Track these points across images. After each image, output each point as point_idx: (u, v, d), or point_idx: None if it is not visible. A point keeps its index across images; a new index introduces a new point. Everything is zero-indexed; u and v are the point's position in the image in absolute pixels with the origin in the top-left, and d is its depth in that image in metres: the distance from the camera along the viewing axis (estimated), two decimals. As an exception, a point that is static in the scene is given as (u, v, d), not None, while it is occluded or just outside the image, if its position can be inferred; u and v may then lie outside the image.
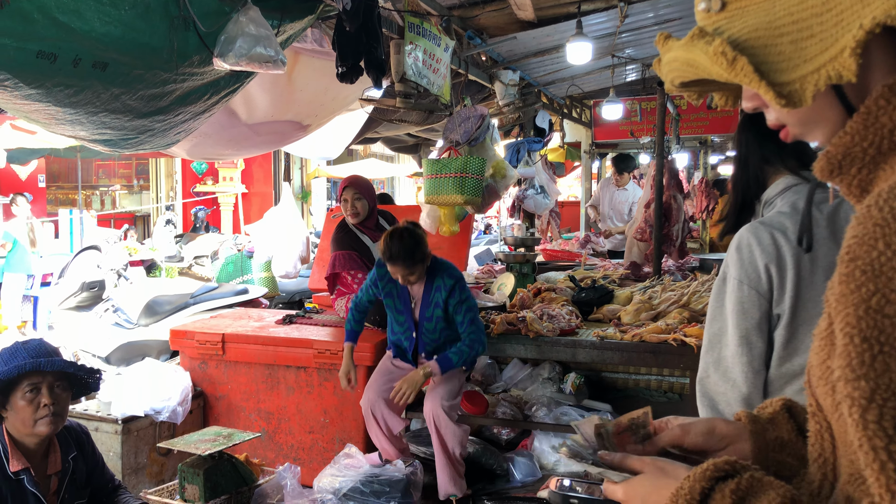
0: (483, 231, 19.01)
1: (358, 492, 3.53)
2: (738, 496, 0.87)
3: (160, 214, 15.31)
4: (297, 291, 8.20)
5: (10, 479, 2.39)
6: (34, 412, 2.42)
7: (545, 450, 4.33)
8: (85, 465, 2.67)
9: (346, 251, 4.58)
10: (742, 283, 1.96)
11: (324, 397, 4.47)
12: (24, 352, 2.44)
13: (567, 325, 4.31)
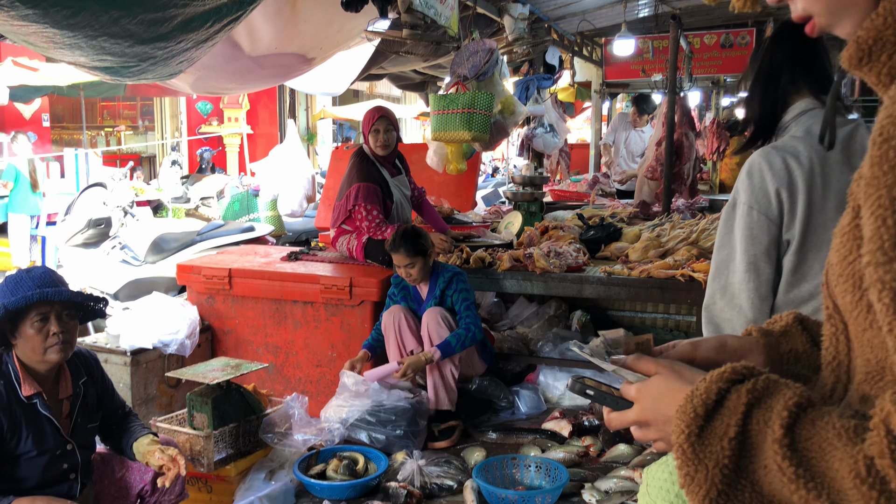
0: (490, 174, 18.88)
1: (364, 421, 3.57)
2: (753, 396, 0.85)
3: (166, 155, 15.24)
4: (303, 231, 8.19)
5: (23, 403, 2.42)
6: (44, 340, 2.43)
7: (550, 384, 4.36)
8: (95, 390, 2.69)
9: (370, 183, 4.55)
10: (752, 208, 1.93)
11: (331, 332, 4.49)
12: (30, 281, 2.43)
13: (574, 262, 4.29)
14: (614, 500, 2.98)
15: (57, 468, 2.50)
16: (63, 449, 2.52)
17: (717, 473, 0.84)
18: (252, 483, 3.21)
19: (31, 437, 2.42)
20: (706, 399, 0.87)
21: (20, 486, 2.45)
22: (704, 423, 0.87)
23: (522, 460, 3.24)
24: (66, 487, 2.55)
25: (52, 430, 2.48)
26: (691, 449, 0.86)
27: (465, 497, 3.05)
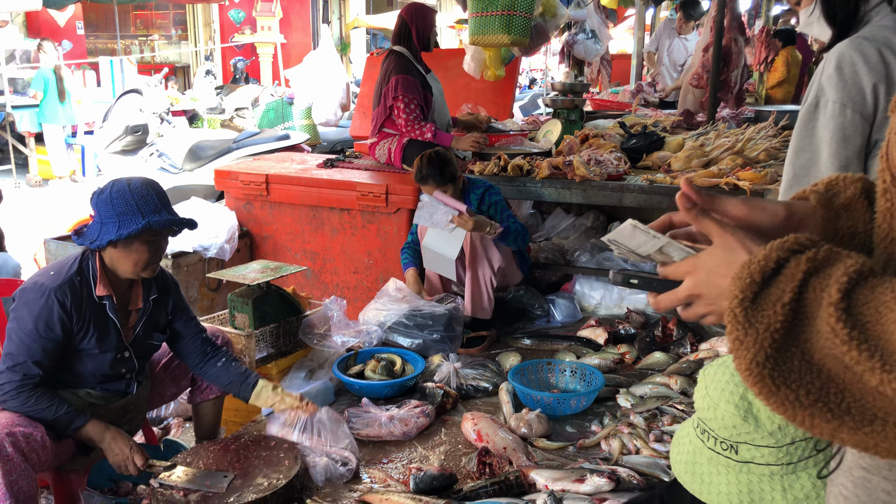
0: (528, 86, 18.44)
1: (402, 325, 3.61)
2: (813, 265, 0.82)
3: (199, 65, 15.12)
4: (337, 140, 8.13)
5: (94, 302, 2.48)
6: (149, 259, 2.47)
7: (586, 293, 4.35)
8: (164, 309, 2.73)
9: (409, 76, 4.47)
10: (845, 106, 1.77)
11: (367, 239, 4.51)
12: (144, 203, 2.39)
13: (615, 170, 4.20)
14: (649, 404, 3.00)
15: (115, 369, 2.59)
16: (122, 354, 2.59)
17: (767, 337, 0.82)
18: (292, 381, 3.29)
19: (96, 336, 2.50)
20: (764, 266, 0.84)
21: (80, 381, 2.54)
22: (759, 290, 0.84)
23: (557, 365, 3.26)
24: (123, 385, 2.64)
25: (116, 333, 2.55)
26: (743, 314, 0.84)
27: (501, 398, 3.10)
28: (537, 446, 2.76)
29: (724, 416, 1.25)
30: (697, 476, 1.29)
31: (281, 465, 2.52)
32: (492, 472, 2.54)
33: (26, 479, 2.26)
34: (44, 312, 2.36)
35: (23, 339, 2.36)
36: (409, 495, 2.37)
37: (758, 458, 1.23)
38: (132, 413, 2.70)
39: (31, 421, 2.33)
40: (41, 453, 2.31)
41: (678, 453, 1.36)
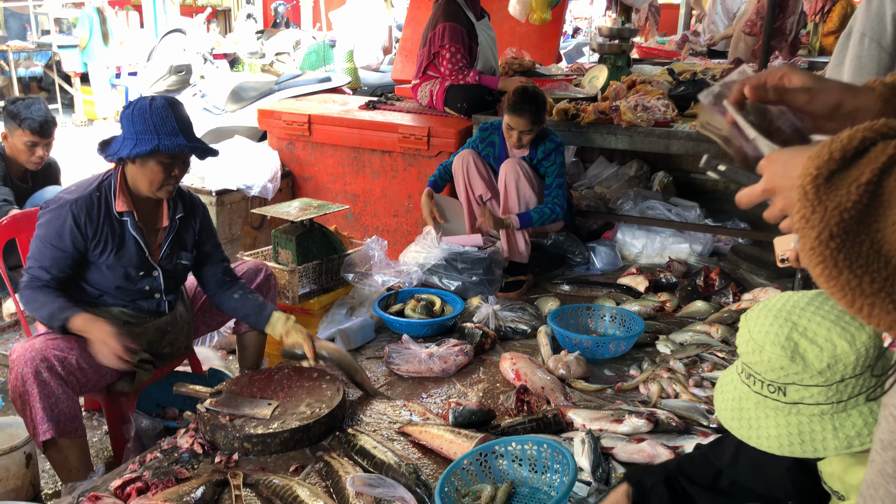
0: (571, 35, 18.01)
1: (442, 267, 3.62)
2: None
3: (240, 8, 15.04)
4: (378, 85, 8.07)
5: (114, 217, 2.52)
6: (164, 180, 2.49)
7: (628, 241, 4.31)
8: (191, 229, 2.76)
9: (455, 23, 4.40)
10: (864, 35, 1.76)
11: (408, 182, 4.51)
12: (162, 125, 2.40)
13: (662, 117, 4.10)
14: (689, 351, 2.99)
15: (139, 286, 2.62)
16: (148, 272, 2.62)
17: (836, 216, 0.78)
18: (334, 317, 3.34)
19: (115, 251, 2.53)
20: (846, 145, 0.80)
21: (110, 298, 2.59)
22: (837, 169, 0.80)
23: (597, 310, 3.25)
24: (154, 304, 2.69)
25: (138, 251, 2.57)
26: (814, 190, 0.80)
27: (539, 341, 3.11)
28: (575, 388, 2.77)
29: (770, 358, 1.23)
30: (745, 421, 1.28)
31: (323, 395, 2.57)
32: (530, 409, 2.56)
33: (66, 402, 2.34)
34: (56, 223, 2.43)
35: (38, 246, 2.45)
36: (448, 428, 2.41)
37: (807, 398, 1.22)
38: (171, 336, 2.73)
39: (65, 344, 2.38)
40: (79, 376, 2.38)
41: (723, 400, 1.35)
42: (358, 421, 2.58)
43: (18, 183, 4.06)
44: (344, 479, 2.08)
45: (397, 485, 1.78)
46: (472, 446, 2.21)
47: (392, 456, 2.25)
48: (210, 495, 2.07)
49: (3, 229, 2.93)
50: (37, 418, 2.28)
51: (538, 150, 3.79)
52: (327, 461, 2.25)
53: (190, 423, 2.53)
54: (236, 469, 2.24)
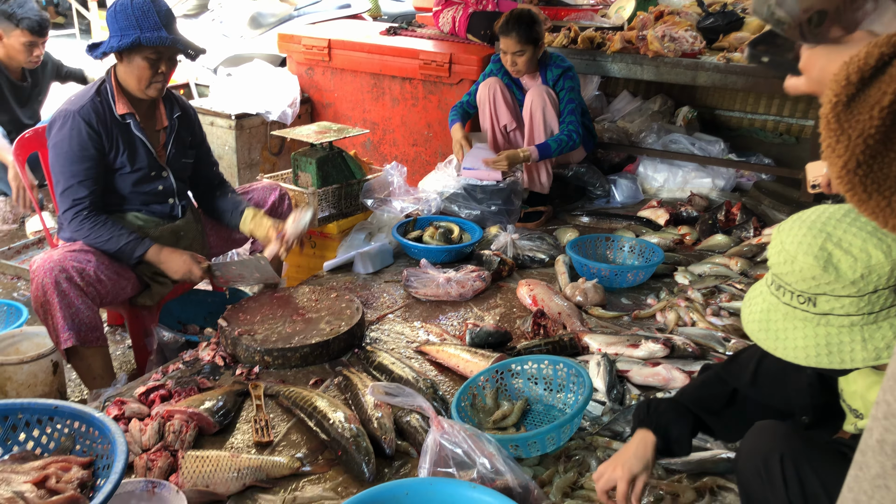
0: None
1: (461, 195, 3.61)
2: None
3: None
4: (399, 14, 7.90)
5: (118, 121, 2.53)
6: (151, 76, 2.48)
7: (649, 175, 4.26)
8: (189, 129, 2.78)
9: None
10: None
11: (428, 110, 4.45)
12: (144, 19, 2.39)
13: (690, 48, 4.00)
14: (708, 282, 2.98)
15: (153, 188, 2.64)
16: (158, 173, 2.64)
17: (860, 144, 0.77)
18: (353, 241, 3.35)
19: (127, 153, 2.55)
20: (863, 65, 0.78)
21: (124, 203, 2.61)
22: (857, 92, 0.78)
23: (616, 240, 3.24)
24: (168, 208, 2.71)
25: (146, 152, 2.59)
26: (835, 119, 0.79)
27: (557, 269, 3.12)
28: (592, 314, 2.79)
29: (801, 268, 1.22)
30: (772, 333, 1.28)
31: (343, 314, 2.60)
32: (546, 333, 2.58)
33: (86, 312, 2.38)
34: (74, 133, 2.43)
35: (64, 164, 2.44)
36: (465, 348, 2.44)
37: (837, 309, 1.21)
38: (185, 242, 2.75)
39: (84, 256, 2.41)
40: (98, 287, 2.41)
41: (750, 313, 1.35)
42: (376, 340, 2.62)
43: (17, 83, 4.05)
44: (363, 391, 2.12)
45: (416, 394, 1.81)
46: (489, 365, 2.24)
47: (410, 372, 2.29)
48: (231, 404, 2.13)
49: (25, 143, 2.93)
50: (58, 327, 2.33)
51: (546, 77, 3.73)
52: (346, 375, 2.29)
53: (211, 338, 2.58)
54: (257, 381, 2.29)
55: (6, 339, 2.64)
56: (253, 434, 2.02)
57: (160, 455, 1.84)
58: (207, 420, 2.00)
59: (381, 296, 2.98)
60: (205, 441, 1.99)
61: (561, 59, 3.76)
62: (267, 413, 2.13)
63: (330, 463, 1.92)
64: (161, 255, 2.52)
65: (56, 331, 2.34)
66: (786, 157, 4.65)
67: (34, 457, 1.61)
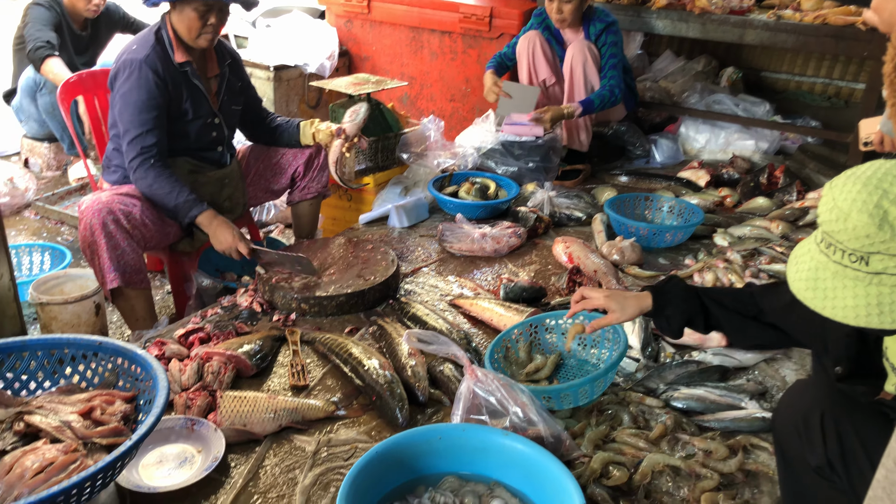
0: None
1: (498, 151, 3.58)
2: None
3: None
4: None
5: (175, 68, 2.55)
6: (200, 28, 2.49)
7: (691, 135, 4.18)
8: (238, 76, 2.82)
9: None
10: None
11: (466, 65, 4.40)
12: None
13: (738, 5, 3.88)
14: (747, 244, 2.93)
15: (207, 135, 2.68)
16: (211, 120, 2.68)
17: None
18: (388, 195, 3.35)
19: (190, 100, 2.58)
20: None
21: (178, 148, 2.63)
22: None
23: (655, 200, 3.20)
24: (217, 155, 2.74)
25: (202, 100, 2.63)
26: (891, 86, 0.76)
27: (594, 227, 3.09)
28: (628, 273, 2.76)
29: (855, 226, 1.18)
30: (820, 292, 1.24)
31: (378, 265, 2.62)
32: (581, 290, 2.57)
33: (132, 254, 2.42)
34: (142, 82, 2.44)
35: (133, 113, 2.46)
36: (499, 302, 2.44)
37: (891, 268, 1.17)
38: (229, 190, 2.79)
39: (130, 200, 2.45)
40: (143, 231, 2.45)
41: (797, 271, 1.31)
42: (410, 292, 2.63)
43: (78, 32, 4.10)
44: (397, 340, 2.14)
45: (451, 342, 1.82)
46: (523, 319, 2.24)
47: (443, 323, 2.30)
48: (269, 348, 2.16)
49: (70, 87, 2.97)
50: (105, 268, 2.38)
51: (589, 31, 3.65)
52: (381, 325, 2.31)
53: (248, 285, 2.61)
54: (293, 328, 2.32)
55: (51, 280, 2.71)
56: (289, 378, 2.06)
57: (199, 394, 1.89)
58: (245, 363, 2.04)
59: (415, 250, 2.98)
60: (242, 383, 2.03)
61: (605, 13, 3.67)
62: (303, 358, 2.16)
63: (364, 408, 1.95)
64: (213, 222, 2.52)
65: (102, 271, 2.39)
66: (834, 120, 4.51)
67: (80, 390, 1.66)
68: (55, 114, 4.04)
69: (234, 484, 1.65)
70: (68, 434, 1.46)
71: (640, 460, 1.70)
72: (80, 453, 1.41)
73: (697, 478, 1.66)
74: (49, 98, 4.02)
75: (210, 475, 1.64)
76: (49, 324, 2.56)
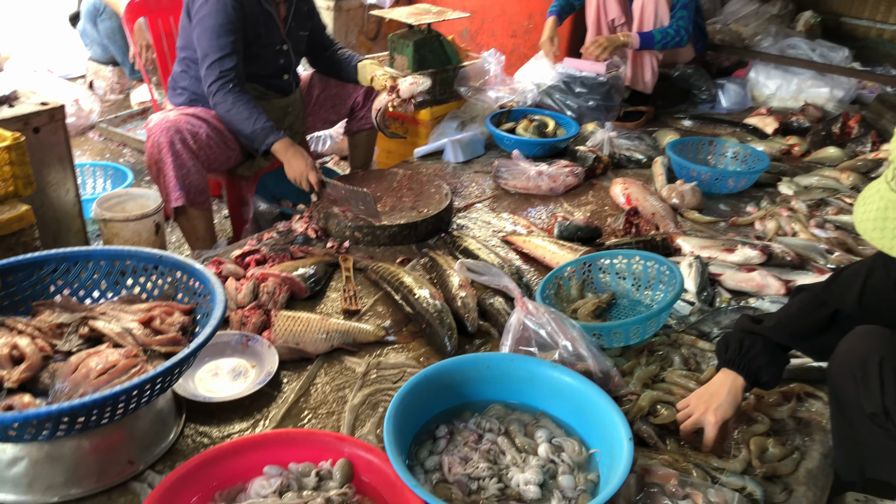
0: None
1: (558, 89, 3.50)
2: None
3: None
4: None
5: None
6: None
7: (761, 81, 4.01)
8: (305, 1, 2.78)
9: None
10: None
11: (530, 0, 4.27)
12: None
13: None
14: (814, 194, 2.83)
15: (275, 62, 2.68)
16: (280, 47, 2.67)
17: None
18: (445, 129, 3.32)
19: (263, 27, 2.58)
20: None
21: (250, 71, 2.61)
22: None
23: (720, 145, 3.09)
24: (283, 83, 2.74)
25: (273, 25, 2.62)
26: None
27: (654, 170, 3.01)
28: (687, 217, 2.70)
29: None
30: (889, 231, 1.19)
31: (432, 198, 2.61)
32: (638, 232, 2.52)
33: (196, 174, 2.46)
34: (220, 6, 2.43)
35: (211, 37, 2.45)
36: (553, 240, 2.41)
37: None
38: (290, 118, 2.80)
39: (197, 121, 2.47)
40: (207, 152, 2.48)
41: (865, 211, 1.26)
42: (463, 227, 2.62)
43: None
44: (448, 272, 2.14)
45: (503, 274, 1.81)
46: (576, 258, 2.21)
47: (495, 258, 2.29)
48: (322, 273, 2.19)
49: (135, 8, 2.98)
50: (170, 186, 2.42)
51: None
52: (432, 257, 2.31)
53: (304, 212, 2.64)
54: (347, 255, 2.34)
55: (113, 198, 2.78)
56: (342, 302, 2.08)
57: (254, 313, 1.93)
58: (299, 285, 2.07)
59: (469, 185, 2.96)
60: (296, 305, 2.07)
61: None
62: (355, 285, 2.18)
63: (413, 335, 1.96)
64: (289, 151, 2.51)
65: (167, 189, 2.44)
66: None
67: (140, 300, 1.71)
68: (116, 39, 4.08)
69: (286, 399, 1.69)
70: (129, 340, 1.51)
71: (689, 401, 1.68)
72: (141, 359, 1.46)
73: (748, 421, 1.64)
74: (109, 23, 4.05)
75: (263, 389, 1.68)
76: (111, 240, 2.63)
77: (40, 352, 1.46)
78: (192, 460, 1.33)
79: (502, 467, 1.43)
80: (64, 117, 2.38)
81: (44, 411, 1.23)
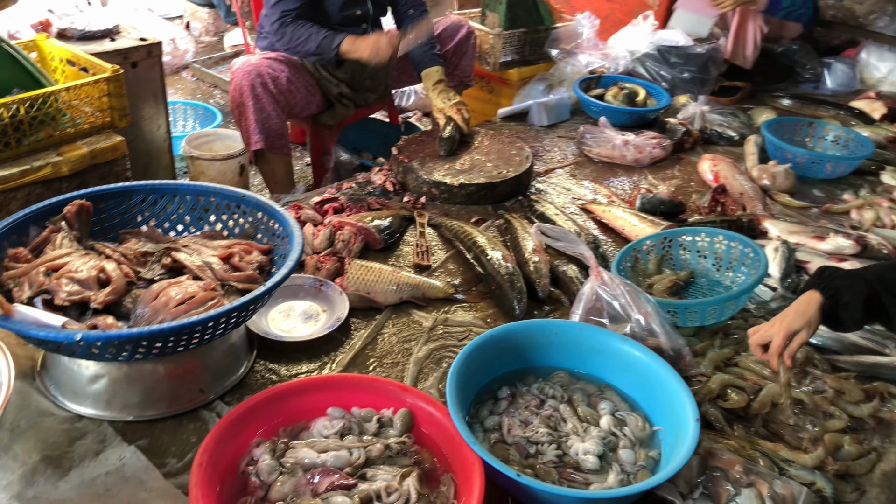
0: None
1: (653, 57, 3.36)
2: None
3: None
4: None
5: None
6: None
7: (872, 63, 3.77)
8: None
9: None
10: None
11: (631, -37, 4.11)
12: None
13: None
14: (920, 186, 2.66)
15: (352, 12, 2.65)
16: None
17: None
18: (531, 91, 3.26)
19: None
20: None
21: (325, 24, 2.61)
22: None
23: (820, 127, 2.93)
24: (361, 33, 2.70)
25: None
26: None
27: (747, 149, 2.88)
28: (777, 200, 2.58)
29: None
30: None
31: (512, 160, 2.57)
32: (724, 211, 2.43)
33: (276, 119, 2.49)
34: None
35: None
36: (633, 212, 2.35)
37: None
38: (371, 69, 2.75)
39: (279, 66, 2.49)
40: (288, 97, 2.51)
41: None
42: (541, 191, 2.58)
43: None
44: (522, 235, 2.12)
45: (580, 241, 1.78)
46: (657, 232, 2.15)
47: (572, 225, 2.25)
48: (397, 226, 2.19)
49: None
50: (250, 129, 2.47)
51: None
52: (507, 219, 2.28)
53: (383, 164, 2.65)
54: (422, 210, 2.34)
55: (202, 137, 2.85)
56: (414, 256, 2.09)
57: (329, 259, 1.95)
58: (374, 236, 2.09)
59: (552, 149, 2.91)
60: (369, 255, 2.09)
61: None
62: (428, 241, 2.18)
63: (482, 295, 1.95)
64: (356, 41, 2.51)
65: (248, 132, 2.49)
66: None
67: (221, 237, 1.75)
68: None
69: (353, 345, 1.72)
70: (209, 274, 1.55)
71: (761, 387, 1.62)
72: (218, 293, 1.50)
73: (825, 415, 1.57)
74: (209, -36, 4.13)
75: (332, 333, 1.71)
76: (197, 177, 2.71)
77: (125, 277, 1.51)
78: (260, 395, 1.36)
79: (562, 434, 1.42)
80: (161, 54, 2.45)
81: (125, 333, 1.28)
